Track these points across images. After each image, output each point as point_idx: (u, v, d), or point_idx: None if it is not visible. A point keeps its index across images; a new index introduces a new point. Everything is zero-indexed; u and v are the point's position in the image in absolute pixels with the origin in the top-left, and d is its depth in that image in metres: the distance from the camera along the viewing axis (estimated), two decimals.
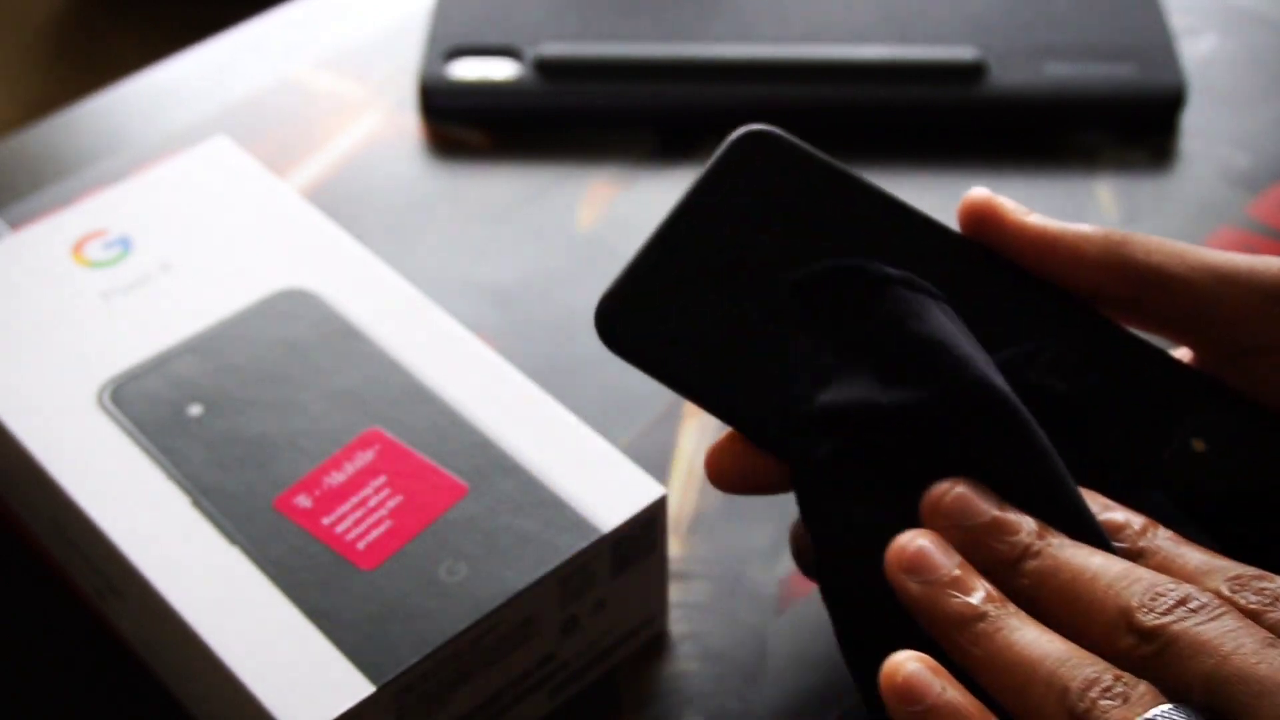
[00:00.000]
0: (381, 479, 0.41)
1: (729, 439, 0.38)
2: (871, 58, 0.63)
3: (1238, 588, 0.32)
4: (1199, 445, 0.36)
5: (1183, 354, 0.40)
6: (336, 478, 0.41)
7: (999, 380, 0.35)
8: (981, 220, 0.39)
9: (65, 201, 0.58)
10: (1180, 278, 0.37)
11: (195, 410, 0.43)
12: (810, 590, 0.46)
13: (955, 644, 0.33)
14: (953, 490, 0.35)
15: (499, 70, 0.63)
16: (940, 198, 0.59)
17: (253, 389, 0.44)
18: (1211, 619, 0.31)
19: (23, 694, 0.44)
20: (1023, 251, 0.39)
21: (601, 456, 0.42)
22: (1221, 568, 0.33)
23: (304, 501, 0.41)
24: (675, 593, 0.46)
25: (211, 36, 0.68)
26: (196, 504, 0.41)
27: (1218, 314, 0.37)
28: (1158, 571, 0.33)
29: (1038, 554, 0.34)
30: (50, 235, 0.49)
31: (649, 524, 0.42)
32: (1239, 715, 0.30)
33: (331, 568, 0.39)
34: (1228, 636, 0.30)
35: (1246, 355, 0.38)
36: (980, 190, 0.39)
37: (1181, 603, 0.31)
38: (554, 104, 0.62)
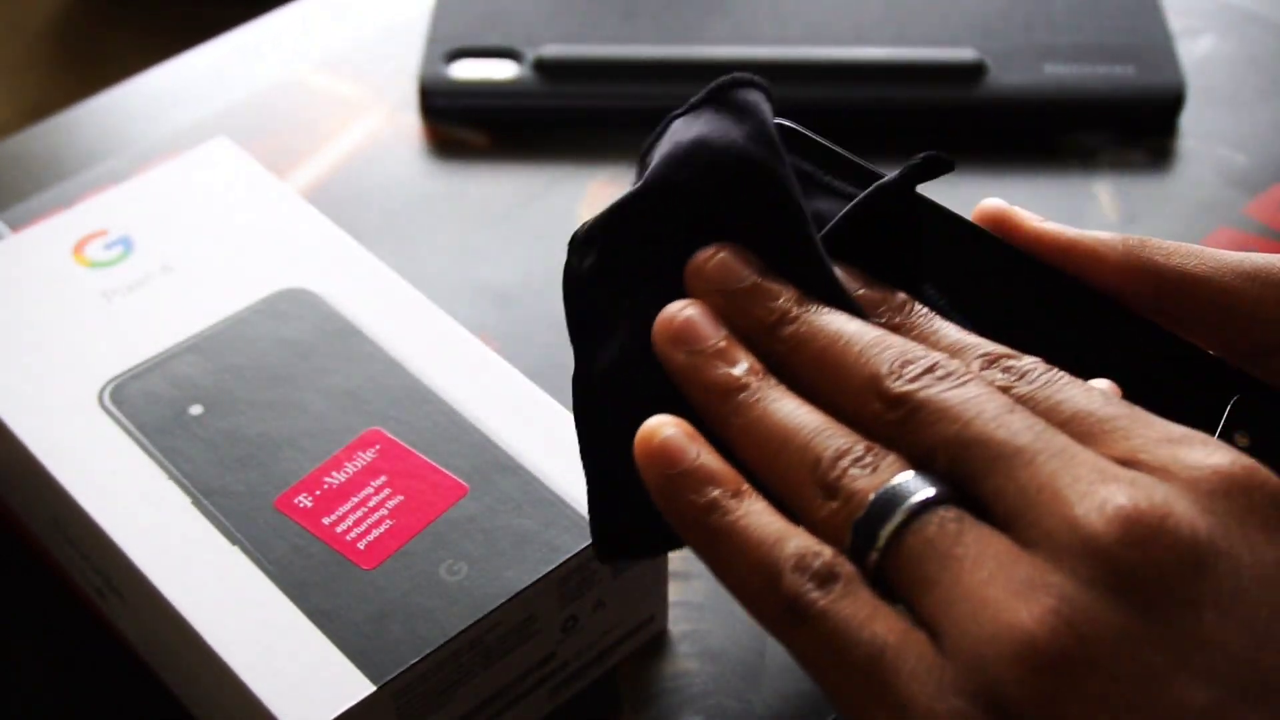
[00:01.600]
0: (382, 479, 0.41)
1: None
2: (871, 58, 0.63)
3: (987, 364, 0.32)
4: (1242, 440, 0.36)
5: None
6: (337, 477, 0.41)
7: (762, 152, 0.35)
8: (996, 229, 0.39)
9: (66, 202, 0.59)
10: (1201, 278, 0.37)
11: (196, 410, 0.43)
12: None
13: (717, 414, 0.33)
14: (716, 255, 0.35)
15: (499, 71, 0.63)
16: (940, 198, 0.59)
17: (253, 389, 0.44)
18: (957, 386, 0.31)
19: (23, 694, 0.44)
20: (1041, 257, 0.39)
21: None
22: (974, 344, 0.33)
23: (305, 501, 0.41)
24: (675, 592, 0.46)
25: (212, 37, 0.68)
26: (197, 504, 0.41)
27: (1240, 313, 0.37)
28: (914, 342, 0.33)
29: (795, 319, 0.33)
30: (51, 236, 0.49)
31: None
32: (977, 480, 0.30)
33: (332, 567, 0.39)
34: (971, 403, 0.30)
35: (1269, 354, 0.38)
36: (993, 200, 0.39)
37: (929, 370, 0.31)
38: (554, 104, 0.62)
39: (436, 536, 0.40)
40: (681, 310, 0.34)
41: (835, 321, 0.33)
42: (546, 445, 0.42)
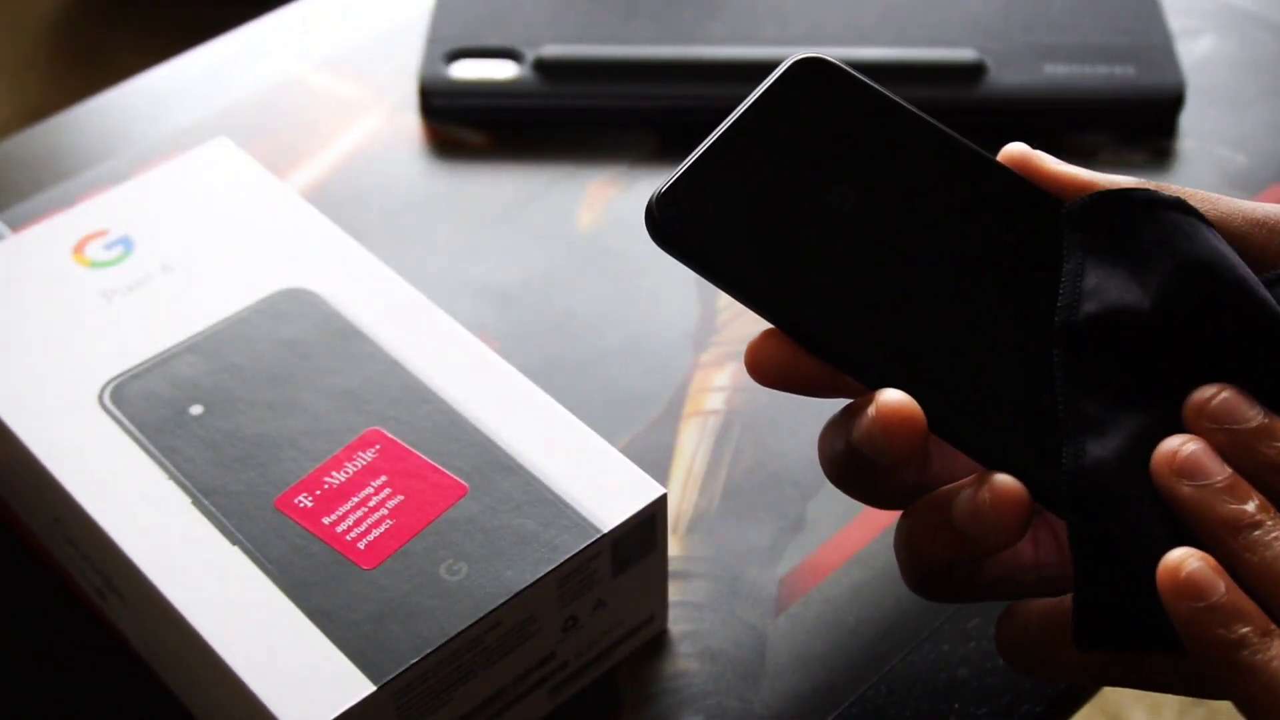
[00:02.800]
0: (382, 478, 0.41)
1: (770, 334, 0.38)
2: (871, 58, 0.63)
3: None
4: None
5: None
6: (337, 477, 0.41)
7: (1266, 294, 0.36)
8: (1021, 170, 0.40)
9: (67, 202, 0.59)
10: (1213, 220, 0.38)
11: (196, 410, 0.43)
12: (810, 590, 0.46)
13: (1229, 549, 0.33)
14: (1221, 394, 0.35)
15: (499, 70, 0.63)
16: None
17: (253, 389, 0.44)
18: None
19: (23, 694, 0.44)
20: (1063, 197, 0.40)
21: (601, 456, 0.42)
22: None
23: (305, 501, 0.41)
24: (675, 592, 0.46)
25: (212, 38, 0.68)
26: (197, 503, 0.41)
27: (1249, 256, 0.38)
28: None
29: None
30: (52, 236, 0.49)
31: (649, 523, 0.42)
32: None
33: (332, 567, 0.39)
34: None
35: None
36: (1017, 145, 0.40)
37: None
38: (554, 104, 0.62)
39: (436, 536, 0.40)
40: (1185, 445, 0.35)
41: None
42: (546, 445, 0.42)
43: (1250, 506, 0.34)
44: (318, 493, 0.41)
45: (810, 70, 0.39)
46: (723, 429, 0.51)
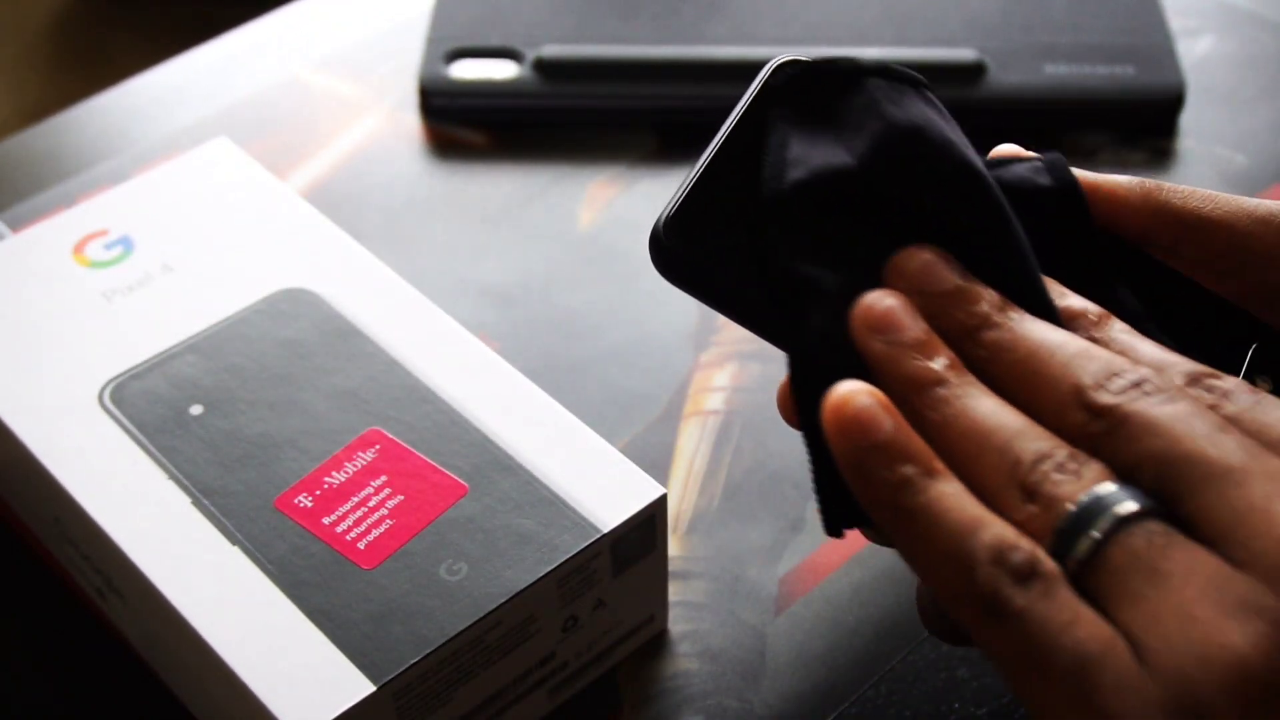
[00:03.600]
0: (382, 478, 0.41)
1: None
2: (872, 58, 0.63)
3: (1190, 382, 0.32)
4: (1264, 384, 0.36)
5: None
6: (337, 477, 0.41)
7: (977, 161, 0.35)
8: None
9: (67, 202, 0.59)
10: (1217, 220, 0.37)
11: (196, 410, 0.43)
12: (809, 590, 0.46)
13: (913, 406, 0.32)
14: (919, 255, 0.34)
15: (499, 70, 0.63)
16: None
17: (253, 389, 0.44)
18: (1166, 402, 0.30)
19: (23, 694, 0.44)
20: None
21: (601, 456, 0.42)
22: (1175, 362, 0.32)
23: (305, 501, 0.41)
24: (675, 592, 0.46)
25: (212, 38, 0.68)
26: (197, 503, 0.41)
27: (1256, 255, 0.37)
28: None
29: (997, 325, 0.33)
30: (52, 236, 0.49)
31: (649, 523, 0.42)
32: (1184, 497, 0.29)
33: (332, 567, 0.39)
34: (1181, 420, 0.30)
35: None
36: (1008, 146, 0.40)
37: (1136, 385, 0.31)
38: (554, 104, 0.62)
39: (436, 536, 0.40)
40: (882, 299, 0.33)
41: (1038, 330, 0.33)
42: (546, 445, 0.42)
43: (937, 364, 0.32)
44: (318, 493, 0.41)
45: (792, 73, 0.38)
46: (723, 429, 0.51)
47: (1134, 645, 0.28)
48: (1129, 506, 0.29)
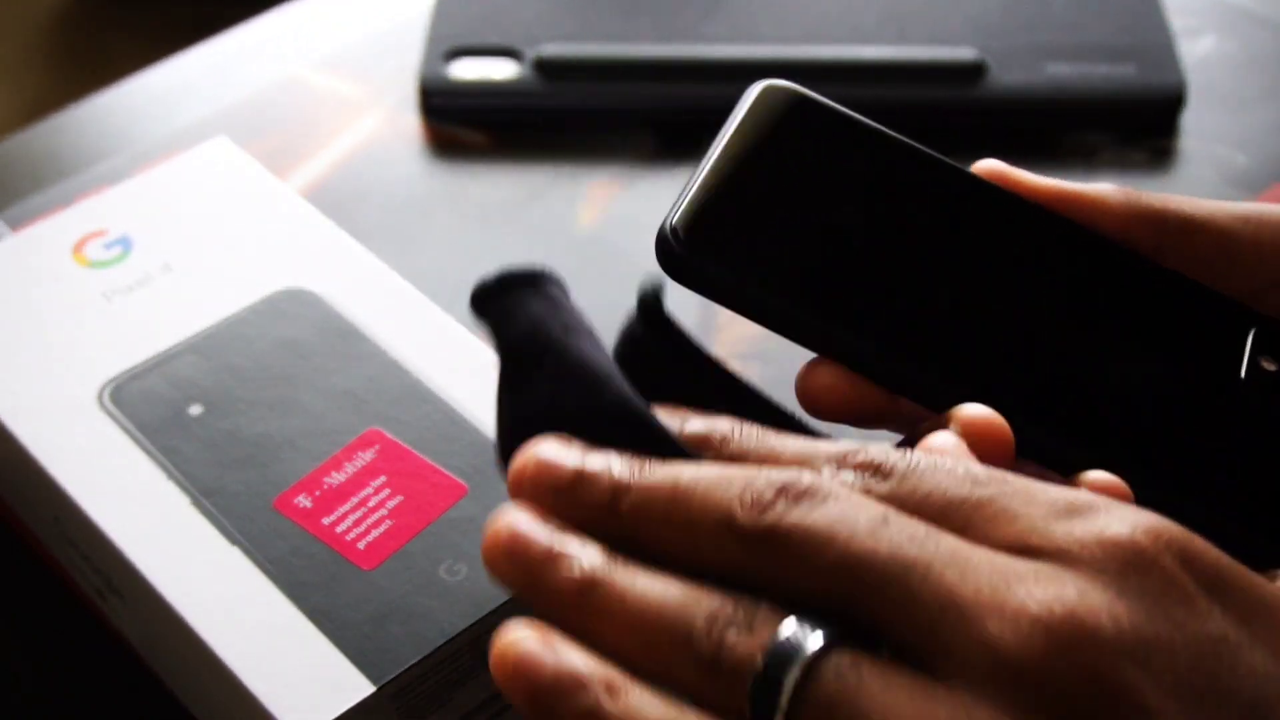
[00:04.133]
0: (382, 479, 0.41)
1: (819, 364, 0.36)
2: (871, 58, 0.63)
3: (839, 465, 0.29)
4: (1269, 364, 0.36)
5: None
6: (337, 478, 0.41)
7: (561, 339, 0.34)
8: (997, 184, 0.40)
9: (66, 201, 0.59)
10: (1201, 218, 0.38)
11: (195, 410, 0.43)
12: None
13: (573, 621, 0.29)
14: (530, 454, 0.31)
15: (499, 70, 0.63)
16: None
17: (253, 389, 0.44)
18: (818, 505, 0.28)
19: (23, 694, 0.44)
20: (1046, 208, 0.39)
21: None
22: (820, 450, 0.30)
23: (304, 501, 0.41)
24: None
25: (212, 36, 0.68)
26: (197, 504, 0.41)
27: (1241, 250, 0.38)
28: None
29: (629, 488, 0.30)
30: (51, 235, 0.49)
31: None
32: (871, 608, 0.27)
33: (332, 567, 0.39)
34: (839, 520, 0.27)
35: (1268, 289, 0.38)
36: (988, 161, 0.39)
37: (781, 492, 0.28)
38: (554, 104, 0.62)
39: (436, 536, 0.40)
40: (497, 521, 0.30)
41: (669, 473, 0.30)
42: None
43: (576, 566, 0.29)
44: (317, 493, 0.41)
45: (777, 94, 0.39)
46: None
47: None
48: (811, 643, 0.26)
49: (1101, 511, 0.27)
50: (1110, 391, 0.36)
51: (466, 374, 0.44)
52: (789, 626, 0.27)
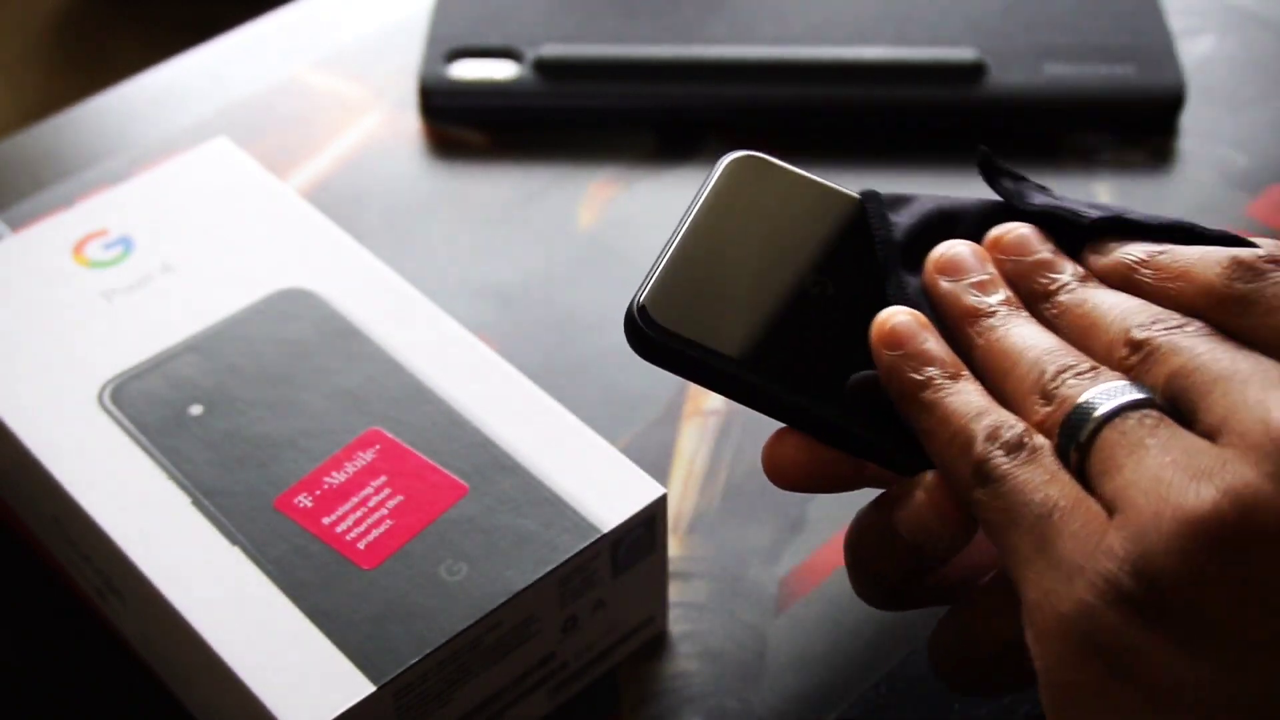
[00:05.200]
0: (382, 479, 0.41)
1: (785, 434, 0.38)
2: (871, 58, 0.63)
3: (1235, 275, 0.34)
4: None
5: None
6: (337, 477, 0.41)
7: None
8: None
9: (66, 202, 0.59)
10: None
11: (196, 410, 0.43)
12: (810, 590, 0.46)
13: (964, 335, 0.36)
14: (1016, 230, 0.38)
15: (499, 70, 0.63)
16: None
17: (253, 389, 0.44)
18: (1194, 335, 0.33)
19: (23, 694, 0.44)
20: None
21: (601, 456, 0.42)
22: (1212, 267, 0.35)
23: (304, 501, 0.41)
24: (675, 593, 0.46)
25: (212, 37, 0.68)
26: (197, 504, 0.41)
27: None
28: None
29: (1071, 290, 0.36)
30: (51, 235, 0.49)
31: (649, 524, 0.42)
32: (1197, 399, 0.32)
33: (332, 567, 0.39)
34: (1201, 340, 0.33)
35: None
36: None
37: (1180, 326, 0.34)
38: (554, 104, 0.62)
39: (436, 536, 0.40)
40: (953, 246, 0.37)
41: (1108, 295, 0.36)
42: (546, 445, 0.42)
43: (992, 299, 0.36)
44: (317, 493, 0.41)
45: (747, 166, 0.40)
46: (723, 429, 0.51)
47: (1109, 510, 0.31)
48: (1130, 396, 0.32)
49: None
50: None
51: (466, 374, 0.44)
52: (1119, 382, 0.33)
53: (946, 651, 0.37)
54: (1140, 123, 0.63)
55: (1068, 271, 0.37)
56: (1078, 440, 0.32)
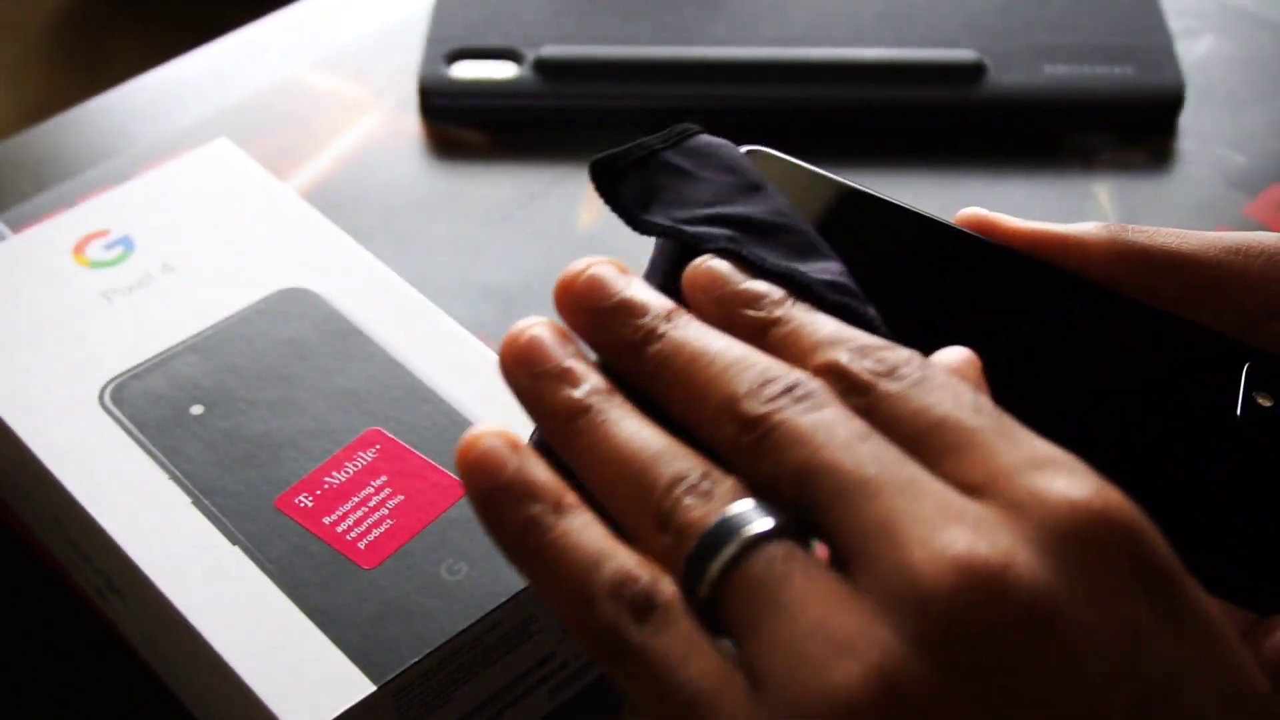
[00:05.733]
0: (382, 478, 0.42)
1: None
2: (871, 58, 0.63)
3: (859, 355, 0.30)
4: (1265, 400, 0.36)
5: None
6: (337, 477, 0.41)
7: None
8: (980, 231, 0.39)
9: (67, 202, 0.59)
10: (1188, 254, 0.37)
11: (196, 410, 0.43)
12: None
13: (560, 439, 0.31)
14: (587, 271, 0.33)
15: (499, 71, 0.63)
16: (940, 199, 0.60)
17: (254, 388, 0.44)
18: (813, 409, 0.29)
19: (23, 694, 0.44)
20: (1031, 253, 0.39)
21: None
22: (850, 337, 0.31)
23: (305, 501, 0.41)
24: None
25: (212, 37, 0.68)
26: (197, 503, 0.41)
27: (1230, 284, 0.37)
28: (787, 341, 0.31)
29: (661, 336, 0.31)
30: (52, 236, 0.49)
31: None
32: (821, 511, 0.28)
33: (332, 567, 0.40)
34: (823, 427, 0.28)
35: (1259, 321, 0.37)
36: (971, 209, 0.39)
37: (788, 390, 0.29)
38: (554, 104, 0.62)
39: (437, 536, 0.40)
40: (527, 329, 0.32)
41: (702, 337, 0.31)
42: None
43: (580, 391, 0.31)
44: (318, 493, 0.41)
45: (757, 161, 0.39)
46: None
47: (752, 679, 0.27)
48: (757, 527, 0.28)
49: (1072, 473, 0.27)
50: (1100, 433, 0.35)
51: (466, 374, 0.44)
52: (742, 505, 0.28)
53: None
54: (1140, 123, 0.63)
55: (652, 312, 0.32)
56: (705, 583, 0.28)
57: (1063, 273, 0.38)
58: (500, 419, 0.43)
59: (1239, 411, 0.36)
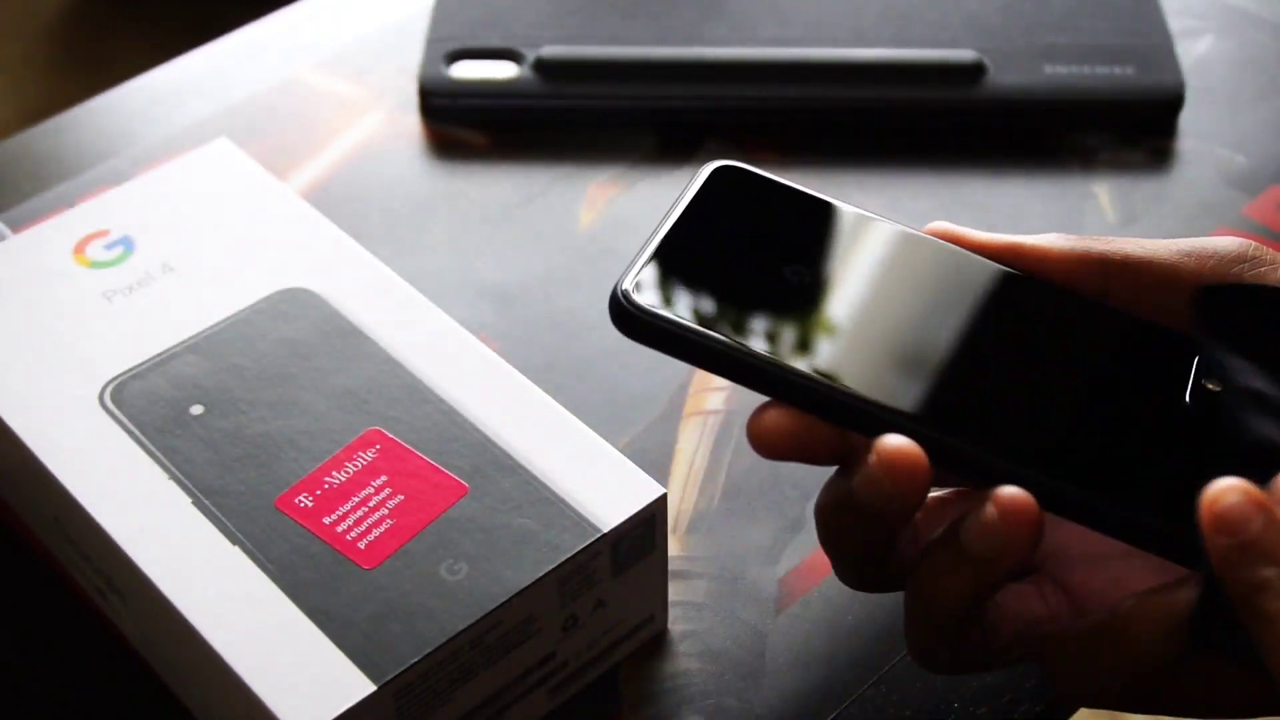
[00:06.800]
0: (382, 478, 0.42)
1: (769, 405, 0.37)
2: (871, 58, 0.63)
3: None
4: (1214, 386, 0.38)
5: None
6: (337, 477, 0.41)
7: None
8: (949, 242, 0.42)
9: (67, 202, 0.59)
10: (1143, 256, 0.40)
11: (196, 410, 0.43)
12: (810, 590, 0.46)
13: (1249, 609, 0.32)
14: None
15: (499, 71, 0.63)
16: (940, 199, 0.60)
17: (254, 388, 0.44)
18: None
19: (23, 694, 0.44)
20: (991, 259, 0.41)
21: (601, 456, 0.42)
22: None
23: (305, 501, 0.41)
24: (675, 592, 0.46)
25: (213, 37, 0.68)
26: (197, 503, 0.41)
27: (1184, 284, 0.39)
28: None
29: None
30: (52, 236, 0.49)
31: (649, 523, 0.42)
32: None
33: (332, 567, 0.40)
34: None
35: None
36: (939, 223, 0.42)
37: None
38: (554, 104, 0.62)
39: (436, 536, 0.40)
40: (1226, 491, 0.33)
41: None
42: (546, 445, 0.42)
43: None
44: (318, 493, 0.41)
45: (727, 175, 0.41)
46: (723, 429, 0.51)
47: None
48: None
49: None
50: (1066, 418, 0.38)
51: (466, 374, 0.44)
52: None
53: (913, 624, 0.38)
54: (1140, 123, 0.63)
55: None
56: None
57: (1027, 277, 0.41)
58: (500, 419, 0.43)
59: (1188, 397, 0.39)
